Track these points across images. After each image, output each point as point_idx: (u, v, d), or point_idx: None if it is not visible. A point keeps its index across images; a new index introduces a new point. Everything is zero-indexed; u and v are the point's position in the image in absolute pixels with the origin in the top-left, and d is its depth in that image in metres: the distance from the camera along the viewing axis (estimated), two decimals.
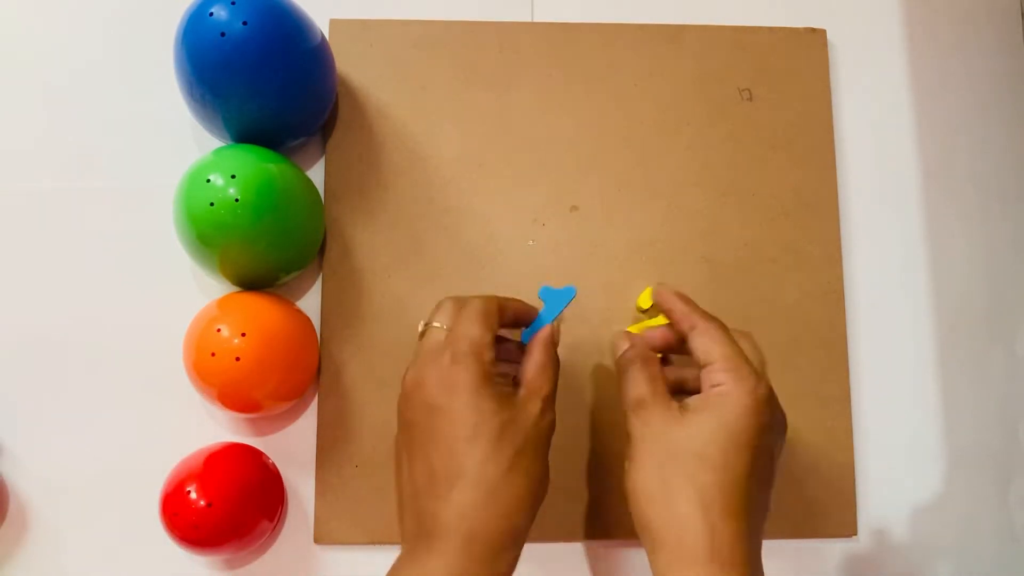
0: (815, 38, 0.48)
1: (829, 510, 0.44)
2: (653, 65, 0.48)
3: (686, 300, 0.39)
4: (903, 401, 0.46)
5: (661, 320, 0.43)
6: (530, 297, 0.45)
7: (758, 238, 0.46)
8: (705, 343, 0.36)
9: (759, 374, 0.35)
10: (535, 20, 0.49)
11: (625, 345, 0.39)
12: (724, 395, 0.34)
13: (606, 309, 0.45)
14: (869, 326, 0.46)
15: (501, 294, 0.45)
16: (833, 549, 0.45)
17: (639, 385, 0.36)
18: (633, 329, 0.44)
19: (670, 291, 0.40)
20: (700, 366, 0.36)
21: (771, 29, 0.48)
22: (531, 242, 0.46)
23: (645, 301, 0.44)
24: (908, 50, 0.50)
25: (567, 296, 0.41)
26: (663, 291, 0.40)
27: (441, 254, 0.45)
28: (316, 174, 0.46)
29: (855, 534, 0.44)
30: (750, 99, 0.48)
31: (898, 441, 0.46)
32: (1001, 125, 0.49)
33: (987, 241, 0.48)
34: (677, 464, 0.33)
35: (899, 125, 0.49)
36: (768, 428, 0.34)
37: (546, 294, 0.41)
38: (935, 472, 0.46)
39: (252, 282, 0.42)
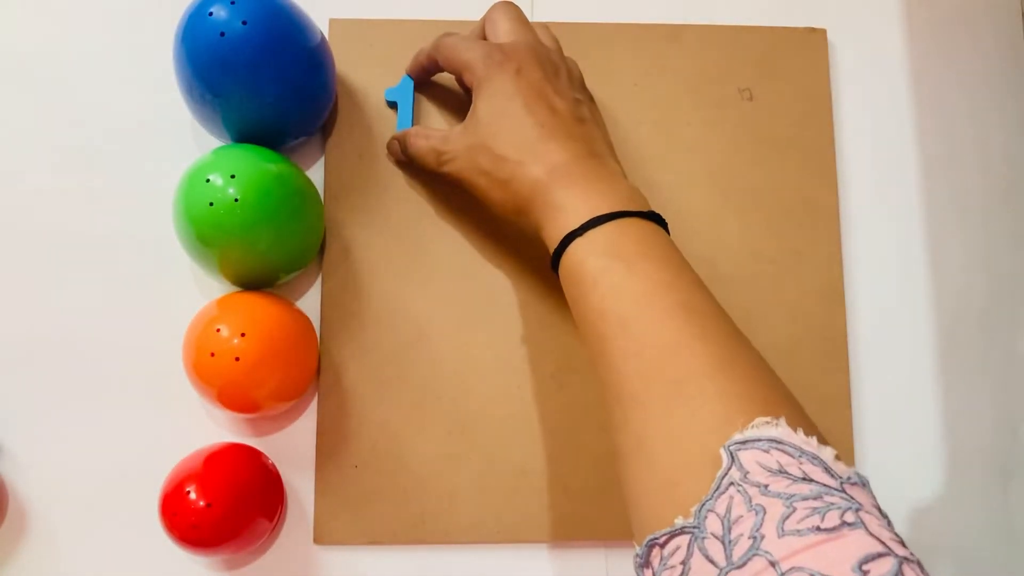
0: (815, 38, 0.48)
1: None
2: (653, 65, 0.48)
3: (432, 45, 0.43)
4: (903, 401, 0.46)
5: None
6: (529, 296, 0.45)
7: (758, 238, 0.46)
8: (454, 67, 0.41)
9: (487, 49, 0.39)
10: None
11: (393, 144, 0.45)
12: (476, 89, 0.39)
13: None
14: (869, 326, 0.46)
15: (500, 292, 0.45)
16: None
17: (424, 145, 0.42)
18: None
19: (419, 51, 0.44)
20: None
21: (771, 29, 0.48)
22: (532, 241, 0.45)
23: None
24: (909, 49, 0.50)
25: (408, 91, 0.46)
26: (417, 55, 0.45)
27: (441, 254, 0.45)
28: (316, 174, 0.46)
29: None
30: (750, 99, 0.48)
31: (898, 441, 0.46)
32: (1002, 124, 0.49)
33: (988, 241, 0.48)
34: (484, 155, 0.38)
35: (899, 125, 0.49)
36: (519, 72, 0.38)
37: (390, 94, 0.46)
38: (935, 472, 0.46)
39: (252, 282, 0.42)
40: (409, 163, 0.44)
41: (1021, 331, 0.47)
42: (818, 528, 0.24)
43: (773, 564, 0.23)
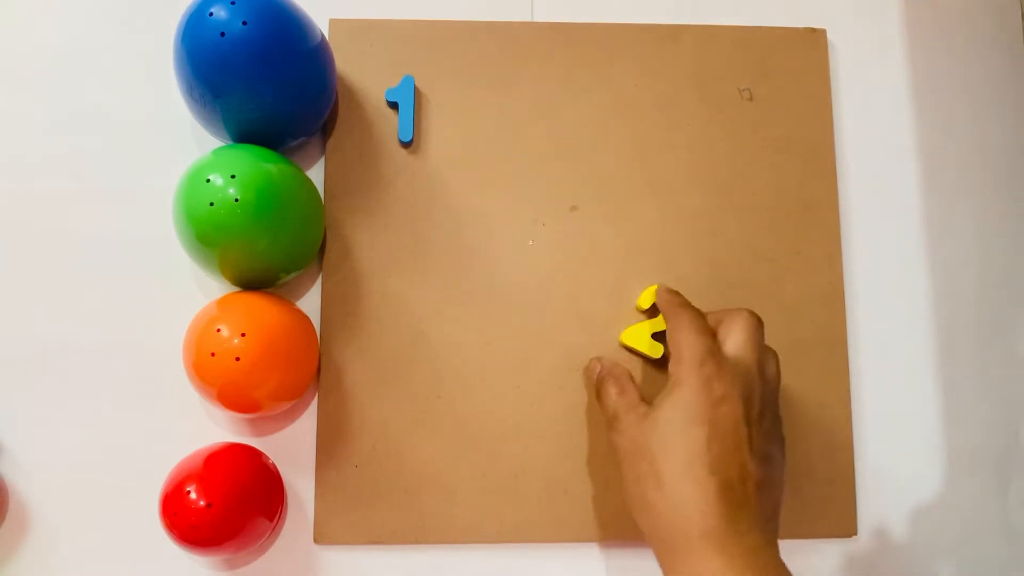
0: (815, 38, 0.48)
1: (829, 510, 0.44)
2: (653, 65, 0.48)
3: (672, 294, 0.41)
4: (903, 401, 0.46)
5: (661, 322, 0.43)
6: (528, 297, 0.45)
7: (758, 238, 0.46)
8: (669, 335, 0.38)
9: (708, 352, 0.36)
10: (535, 20, 0.49)
11: (597, 367, 0.42)
12: (674, 384, 0.36)
13: (606, 309, 0.45)
14: (869, 326, 0.46)
15: (500, 293, 0.45)
16: (833, 549, 0.45)
17: (610, 400, 0.39)
18: (632, 330, 0.44)
19: (663, 288, 0.42)
20: None
21: (771, 29, 0.48)
22: (531, 242, 0.46)
23: (645, 301, 0.44)
24: (908, 50, 0.50)
25: (408, 91, 0.46)
26: (659, 289, 0.42)
27: (441, 254, 0.45)
28: (316, 174, 0.46)
29: (855, 534, 0.44)
30: (750, 99, 0.48)
31: (898, 441, 0.46)
32: (1001, 125, 0.49)
33: (987, 241, 0.48)
34: (646, 460, 0.36)
35: (899, 125, 0.49)
36: (722, 400, 0.35)
37: (391, 94, 0.46)
38: (935, 472, 0.46)
39: (252, 282, 0.42)
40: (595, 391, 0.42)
41: (1021, 331, 0.47)
42: None
43: None
